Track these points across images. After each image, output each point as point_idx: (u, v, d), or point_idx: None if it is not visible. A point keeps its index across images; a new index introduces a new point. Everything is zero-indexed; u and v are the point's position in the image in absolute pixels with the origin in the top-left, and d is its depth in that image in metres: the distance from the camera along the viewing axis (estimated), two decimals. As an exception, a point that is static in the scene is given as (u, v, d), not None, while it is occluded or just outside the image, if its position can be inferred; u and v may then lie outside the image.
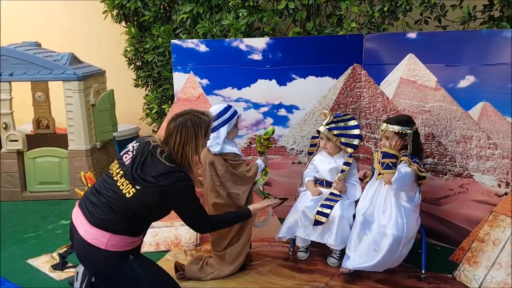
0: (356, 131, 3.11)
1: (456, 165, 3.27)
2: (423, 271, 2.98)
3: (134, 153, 2.35)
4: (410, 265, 3.03)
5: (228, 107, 2.99)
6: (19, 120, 4.86)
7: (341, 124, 3.12)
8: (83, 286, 2.57)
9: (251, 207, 2.77)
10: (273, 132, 3.09)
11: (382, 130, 2.95)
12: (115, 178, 2.33)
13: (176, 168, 2.29)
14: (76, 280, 2.61)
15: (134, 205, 2.27)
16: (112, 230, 2.26)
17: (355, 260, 2.90)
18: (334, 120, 3.14)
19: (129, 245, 2.33)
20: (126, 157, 2.35)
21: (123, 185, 2.29)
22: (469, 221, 3.19)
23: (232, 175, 2.92)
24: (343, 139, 3.11)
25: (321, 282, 2.91)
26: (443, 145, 3.32)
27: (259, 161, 3.05)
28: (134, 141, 2.44)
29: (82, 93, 4.36)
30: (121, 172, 2.32)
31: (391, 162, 2.88)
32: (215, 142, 2.94)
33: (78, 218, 2.34)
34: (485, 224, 2.95)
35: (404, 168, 2.87)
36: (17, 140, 4.41)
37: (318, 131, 3.19)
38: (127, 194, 2.27)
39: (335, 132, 3.11)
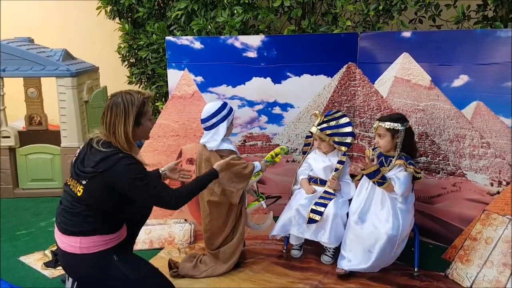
0: (348, 129, 3.11)
1: (449, 164, 3.29)
2: (416, 269, 3.00)
3: (79, 152, 2.36)
4: (403, 263, 3.04)
5: (225, 104, 3.00)
6: (11, 117, 4.81)
7: (333, 123, 3.12)
8: (75, 285, 2.56)
9: (215, 165, 2.64)
10: (287, 151, 3.14)
11: (374, 128, 2.98)
12: (68, 183, 2.35)
13: (113, 151, 2.25)
14: (68, 278, 2.60)
15: (88, 202, 2.27)
16: (80, 233, 2.27)
17: (350, 261, 2.92)
18: (325, 119, 3.14)
19: (106, 243, 2.32)
20: (73, 159, 2.37)
21: (73, 186, 2.30)
22: (462, 219, 3.21)
23: (227, 172, 2.91)
24: (336, 138, 3.12)
25: (315, 280, 2.92)
26: (436, 144, 3.33)
27: (257, 163, 3.03)
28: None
29: (75, 90, 4.32)
30: (70, 174, 2.34)
31: (379, 178, 2.88)
32: (213, 138, 2.93)
33: (56, 232, 2.38)
34: (478, 222, 2.97)
35: (400, 173, 2.89)
36: (9, 137, 4.37)
37: (311, 132, 3.20)
38: (78, 193, 2.27)
39: (328, 132, 3.11)
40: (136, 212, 2.61)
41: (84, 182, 2.24)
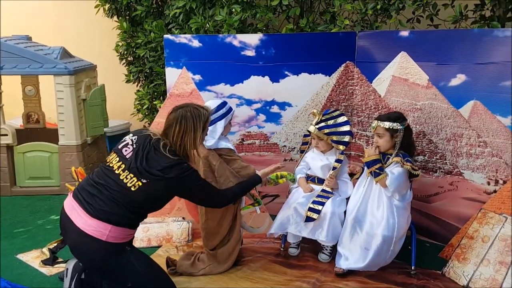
0: (346, 128, 3.12)
1: (446, 162, 3.30)
2: (412, 267, 3.01)
3: (134, 146, 2.37)
4: (400, 261, 3.05)
5: (224, 103, 3.00)
6: (8, 115, 4.81)
7: (331, 122, 3.13)
8: (73, 282, 2.56)
9: (259, 172, 2.87)
10: (292, 179, 3.19)
11: (373, 128, 2.97)
12: (116, 172, 2.33)
13: (180, 160, 2.36)
14: (66, 276, 2.60)
15: (139, 198, 2.31)
16: (114, 222, 2.28)
17: (348, 259, 2.93)
18: (323, 118, 3.14)
19: (128, 237, 2.39)
20: (126, 150, 2.37)
21: (126, 178, 2.30)
22: (459, 218, 3.22)
23: (226, 171, 2.91)
24: (334, 137, 3.12)
25: (312, 278, 2.93)
26: (433, 143, 3.35)
27: (260, 172, 3.02)
28: (131, 134, 2.46)
29: (73, 88, 4.32)
30: (123, 165, 2.33)
31: (377, 169, 2.91)
32: (211, 136, 2.94)
33: (74, 210, 2.32)
34: (474, 221, 2.99)
35: (395, 168, 2.90)
36: (6, 135, 4.36)
37: (309, 131, 3.21)
38: (132, 187, 2.29)
39: (326, 131, 3.12)
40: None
41: (144, 181, 2.29)
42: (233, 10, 3.98)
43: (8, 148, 4.39)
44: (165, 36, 3.69)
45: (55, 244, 3.28)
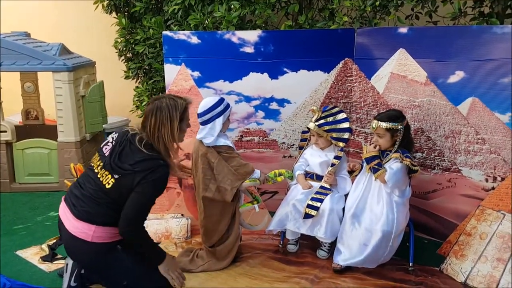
0: (346, 125, 3.12)
1: (444, 159, 3.30)
2: (410, 264, 3.02)
3: (113, 143, 2.35)
4: (398, 258, 3.06)
5: (222, 100, 3.00)
6: (7, 111, 4.81)
7: (330, 119, 3.13)
8: (73, 278, 2.58)
9: (169, 258, 2.44)
10: (290, 177, 3.15)
11: (373, 128, 2.96)
12: (95, 171, 2.35)
13: (155, 156, 2.28)
14: (66, 271, 2.61)
15: (115, 195, 2.27)
16: (97, 222, 2.28)
17: (345, 255, 2.94)
18: (323, 115, 3.14)
19: (116, 236, 2.33)
20: (106, 149, 2.36)
21: (103, 176, 2.30)
22: (457, 215, 3.23)
23: (224, 168, 2.91)
24: (334, 134, 3.13)
25: (310, 274, 2.94)
26: (432, 140, 3.35)
27: (258, 171, 3.01)
28: (114, 132, 2.45)
29: (71, 84, 4.32)
30: (101, 163, 2.33)
31: (375, 164, 2.92)
32: (209, 134, 2.94)
33: (64, 212, 2.36)
34: (472, 218, 3.00)
35: (394, 164, 2.90)
36: (6, 131, 4.37)
37: (309, 128, 3.21)
38: (106, 185, 2.27)
39: (326, 128, 3.12)
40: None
41: (116, 176, 2.26)
42: (232, 6, 3.97)
43: (7, 145, 4.39)
44: (164, 32, 3.68)
45: (54, 241, 3.31)
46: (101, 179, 2.30)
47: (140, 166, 2.23)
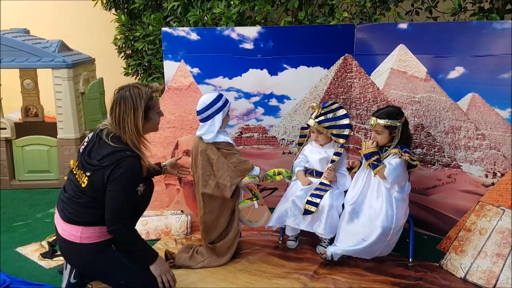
0: (346, 121, 3.12)
1: (444, 155, 3.30)
2: (410, 259, 3.02)
3: (87, 142, 2.35)
4: (397, 253, 3.06)
5: (220, 96, 2.99)
6: (7, 108, 4.81)
7: (330, 115, 3.13)
8: (72, 275, 2.58)
9: (160, 259, 2.45)
10: (288, 177, 3.17)
11: (371, 125, 2.96)
12: (74, 172, 2.36)
13: (122, 148, 2.24)
14: (65, 268, 2.61)
15: (92, 193, 2.27)
16: (82, 223, 2.29)
17: (341, 246, 2.95)
18: (323, 111, 3.14)
19: (106, 235, 2.32)
20: (81, 149, 2.37)
21: (79, 176, 2.31)
22: (456, 210, 3.23)
23: (224, 164, 2.91)
24: (334, 131, 3.12)
25: (310, 270, 2.94)
26: (432, 136, 3.34)
27: (257, 168, 3.01)
28: (91, 132, 2.44)
29: (71, 81, 4.31)
30: (76, 163, 2.34)
31: (374, 160, 2.92)
32: (209, 130, 2.93)
33: (56, 217, 2.40)
34: (472, 213, 2.99)
35: (393, 159, 2.90)
36: (5, 128, 4.36)
37: (308, 125, 3.21)
38: (82, 184, 2.27)
39: (326, 124, 3.12)
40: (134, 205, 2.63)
41: (88, 174, 2.25)
42: (232, 2, 3.96)
43: (7, 142, 4.39)
44: (163, 29, 3.67)
45: (54, 237, 3.31)
46: (78, 179, 2.31)
47: (107, 160, 2.20)
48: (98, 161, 2.22)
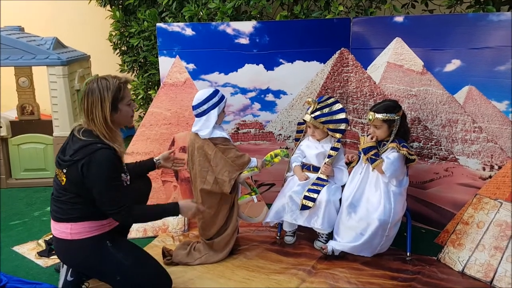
0: (342, 115, 3.10)
1: (441, 149, 3.29)
2: (408, 253, 3.02)
3: (64, 142, 2.37)
4: (395, 247, 3.06)
5: (216, 91, 2.97)
6: (3, 107, 4.78)
7: (326, 110, 3.11)
8: (69, 273, 2.57)
9: (181, 202, 2.51)
10: (287, 155, 3.13)
11: (369, 119, 2.94)
12: (56, 172, 2.37)
13: (92, 141, 2.23)
14: (62, 266, 2.61)
15: (73, 189, 2.28)
16: (70, 220, 2.30)
17: (340, 242, 2.94)
18: (318, 106, 3.12)
19: (97, 229, 2.34)
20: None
21: (58, 174, 2.32)
22: (454, 204, 3.23)
23: (221, 160, 2.90)
24: (331, 126, 3.11)
25: (308, 266, 2.93)
26: (429, 129, 3.33)
27: (254, 159, 3.02)
28: None
29: (66, 78, 4.28)
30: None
31: (372, 155, 2.91)
32: (205, 126, 2.92)
33: (51, 219, 2.41)
34: (470, 207, 2.99)
35: (391, 154, 2.89)
36: (1, 127, 4.34)
37: (305, 120, 3.20)
38: (62, 182, 2.29)
39: (322, 119, 3.10)
40: (130, 200, 2.62)
41: (64, 170, 2.26)
42: (227, -3, 3.93)
43: (2, 140, 4.37)
44: (158, 24, 3.64)
45: (51, 236, 3.29)
46: (58, 177, 2.33)
47: (79, 154, 2.20)
48: (70, 156, 2.22)
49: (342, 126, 3.11)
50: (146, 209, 2.49)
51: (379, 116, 2.88)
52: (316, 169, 3.20)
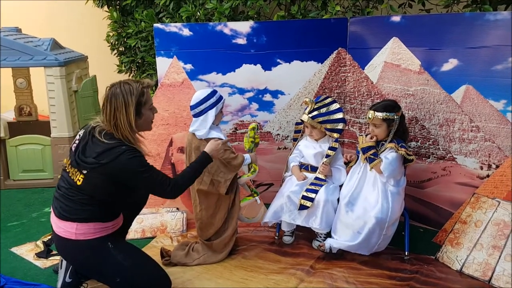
0: (339, 115, 3.11)
1: (439, 148, 3.30)
2: (406, 252, 3.02)
3: (79, 139, 2.34)
4: (393, 247, 3.06)
5: (214, 92, 2.98)
6: (1, 108, 4.77)
7: (324, 110, 3.11)
8: (68, 274, 2.57)
9: (207, 148, 2.62)
10: (257, 126, 3.09)
11: (369, 118, 2.94)
12: (67, 170, 2.35)
13: (116, 143, 2.24)
14: (61, 268, 2.61)
15: (88, 191, 2.27)
16: (76, 219, 2.29)
17: (338, 240, 2.95)
18: (316, 106, 3.13)
19: (101, 231, 2.34)
20: (73, 146, 2.36)
21: (73, 174, 2.30)
22: (452, 203, 3.23)
23: (217, 161, 2.89)
24: (328, 126, 3.11)
25: (306, 265, 2.94)
26: (426, 129, 3.34)
27: (247, 155, 3.03)
28: (81, 129, 2.43)
29: (64, 79, 4.28)
30: (69, 161, 2.34)
31: (371, 154, 2.91)
32: (202, 126, 2.92)
33: (52, 216, 2.40)
34: (467, 206, 3.00)
35: (390, 154, 2.89)
36: (-2, 128, 4.34)
37: (302, 120, 3.20)
38: (77, 182, 2.27)
39: (319, 119, 3.11)
40: (131, 202, 2.62)
41: (85, 172, 2.25)
42: (224, -3, 3.93)
43: (0, 142, 4.36)
44: (155, 25, 3.64)
45: (49, 237, 3.30)
46: (72, 177, 2.30)
47: (105, 158, 2.20)
48: (94, 158, 2.21)
49: (340, 126, 3.11)
50: (187, 172, 2.50)
51: (379, 114, 2.88)
52: (314, 169, 3.20)
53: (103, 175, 2.23)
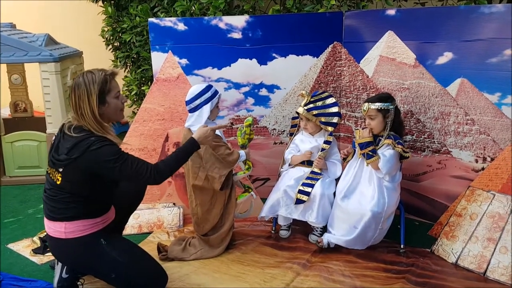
0: (335, 109, 3.11)
1: (434, 141, 3.31)
2: (402, 246, 3.03)
3: (54, 139, 2.35)
4: (389, 240, 3.08)
5: (209, 86, 2.97)
6: (-3, 104, 4.76)
7: (319, 103, 3.12)
8: (64, 269, 2.57)
9: (195, 135, 2.53)
10: (252, 122, 3.07)
11: (364, 111, 2.95)
12: (48, 171, 2.35)
13: (85, 136, 2.21)
14: (57, 263, 2.60)
15: (69, 189, 2.27)
16: (64, 219, 2.29)
17: (335, 235, 2.96)
18: (312, 100, 3.13)
19: (91, 227, 2.33)
20: (50, 147, 2.36)
21: (52, 174, 2.30)
22: (447, 196, 3.25)
23: (211, 156, 2.89)
24: (322, 119, 3.12)
25: (303, 259, 2.95)
26: (421, 122, 3.35)
27: (242, 152, 3.03)
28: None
29: (59, 75, 4.26)
30: (48, 162, 2.34)
31: (370, 151, 2.91)
32: (197, 121, 2.92)
33: (44, 218, 2.40)
34: (463, 199, 3.01)
35: (387, 151, 2.90)
36: (-6, 124, 4.33)
37: (298, 113, 3.20)
38: (57, 181, 2.27)
39: (314, 112, 3.11)
40: (125, 200, 2.62)
41: (61, 170, 2.24)
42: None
43: (-5, 138, 4.35)
44: (150, 19, 3.63)
45: (46, 233, 3.29)
46: (52, 177, 2.31)
47: (76, 152, 2.18)
48: (66, 155, 2.20)
49: (334, 120, 3.12)
50: (171, 157, 2.41)
51: (373, 106, 2.89)
52: (310, 163, 3.21)
53: (78, 170, 2.20)
